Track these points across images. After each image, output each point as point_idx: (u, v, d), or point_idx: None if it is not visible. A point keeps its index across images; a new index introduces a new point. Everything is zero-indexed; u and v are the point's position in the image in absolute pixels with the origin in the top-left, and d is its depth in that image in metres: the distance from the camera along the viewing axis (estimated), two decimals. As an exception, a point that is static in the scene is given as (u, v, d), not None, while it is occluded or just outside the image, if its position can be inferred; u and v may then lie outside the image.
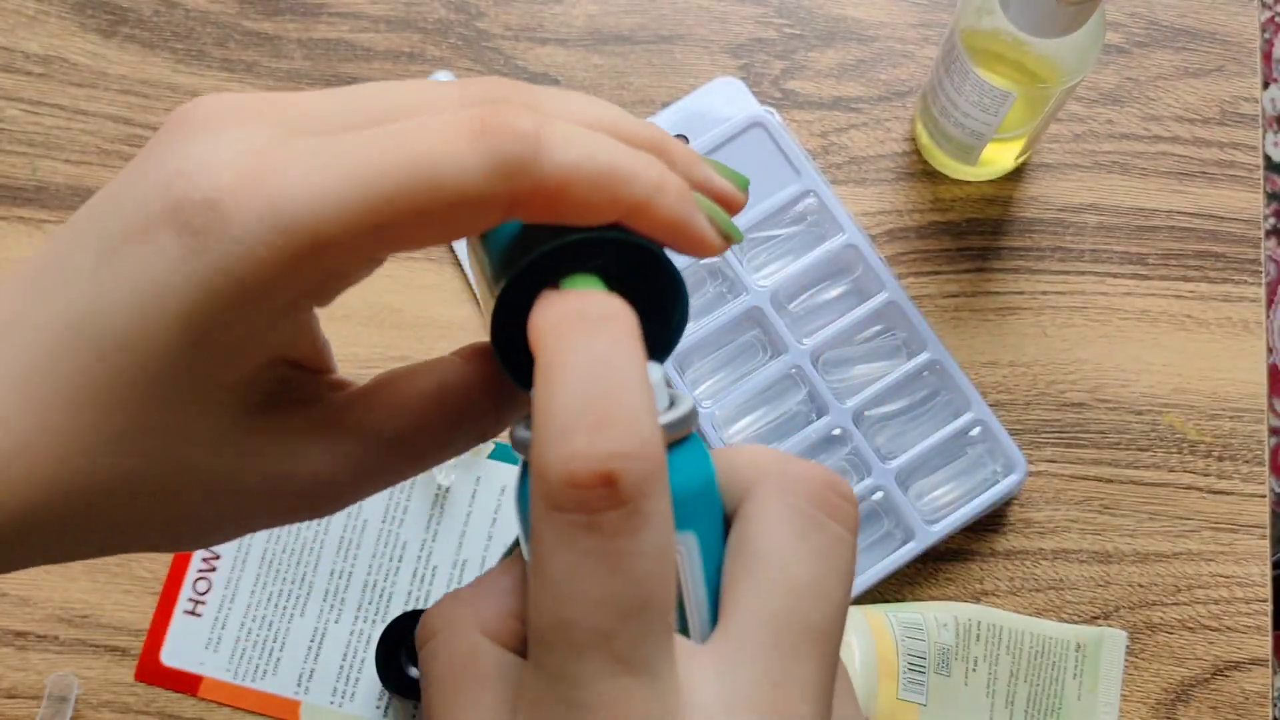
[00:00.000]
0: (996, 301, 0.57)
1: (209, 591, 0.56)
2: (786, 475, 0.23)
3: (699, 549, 0.23)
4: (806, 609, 0.22)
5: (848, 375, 0.56)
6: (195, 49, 0.60)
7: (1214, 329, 0.57)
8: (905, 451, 0.54)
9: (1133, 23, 0.60)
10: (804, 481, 0.23)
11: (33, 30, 0.61)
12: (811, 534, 0.23)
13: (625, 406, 0.20)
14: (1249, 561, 0.55)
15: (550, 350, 0.21)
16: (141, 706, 0.54)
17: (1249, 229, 0.58)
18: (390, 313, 0.57)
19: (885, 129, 0.59)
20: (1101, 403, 0.56)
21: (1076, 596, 0.55)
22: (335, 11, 0.61)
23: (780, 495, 0.23)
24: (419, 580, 0.55)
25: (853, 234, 0.56)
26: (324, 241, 0.21)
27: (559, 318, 0.21)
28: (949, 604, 0.53)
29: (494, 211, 0.22)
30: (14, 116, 0.60)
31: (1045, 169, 0.59)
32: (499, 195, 0.22)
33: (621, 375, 0.20)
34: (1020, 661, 0.52)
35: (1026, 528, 0.55)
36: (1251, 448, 0.56)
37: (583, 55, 0.60)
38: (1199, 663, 0.54)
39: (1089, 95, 0.59)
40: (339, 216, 0.21)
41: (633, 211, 0.23)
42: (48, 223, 0.59)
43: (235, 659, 0.55)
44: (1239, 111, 0.59)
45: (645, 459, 0.20)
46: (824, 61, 0.60)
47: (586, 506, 0.19)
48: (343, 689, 0.55)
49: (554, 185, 0.22)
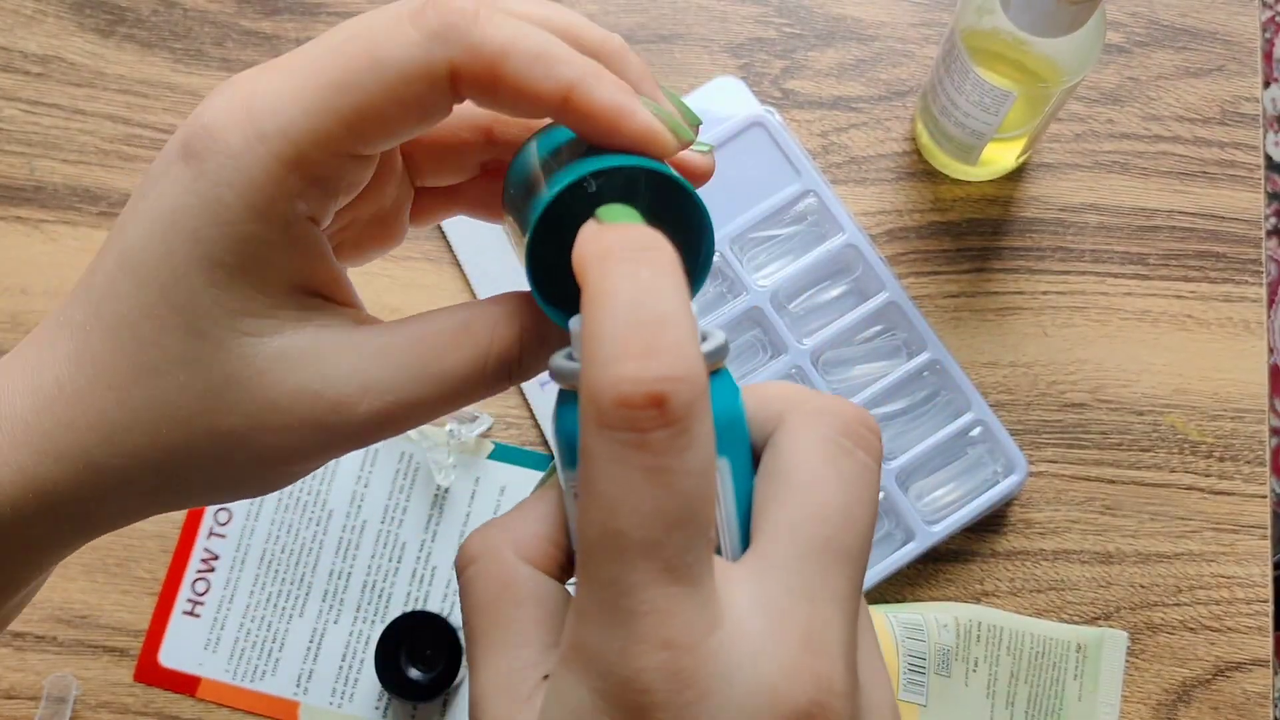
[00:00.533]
0: (997, 301, 0.57)
1: (208, 592, 0.55)
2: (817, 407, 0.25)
3: (731, 475, 0.24)
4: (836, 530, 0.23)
5: (848, 375, 0.56)
6: (193, 48, 0.60)
7: (1215, 329, 0.57)
8: (906, 452, 0.54)
9: (1133, 22, 0.60)
10: (833, 413, 0.24)
11: (31, 30, 0.61)
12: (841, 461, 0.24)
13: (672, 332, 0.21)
14: (1250, 562, 0.55)
15: (598, 278, 0.22)
16: (140, 707, 0.54)
17: (1250, 229, 0.58)
18: (389, 312, 0.57)
19: (885, 129, 0.59)
20: (1102, 403, 0.56)
21: (1077, 597, 0.55)
22: (334, 11, 0.61)
23: (811, 425, 0.24)
24: (418, 581, 0.55)
25: (853, 234, 0.56)
26: (299, 140, 0.24)
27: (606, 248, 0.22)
28: (949, 604, 0.53)
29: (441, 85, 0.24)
30: (12, 116, 0.60)
31: (1045, 169, 0.59)
32: (438, 64, 0.24)
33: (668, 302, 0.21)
34: (1021, 662, 0.52)
35: (1027, 528, 0.55)
36: (1253, 448, 0.56)
37: (582, 55, 0.60)
38: (1200, 663, 0.54)
39: (1089, 95, 0.59)
40: (305, 112, 0.24)
41: (569, 92, 0.25)
42: (46, 222, 0.59)
43: (234, 660, 0.55)
44: (1240, 111, 0.59)
45: (692, 382, 0.21)
46: (824, 61, 0.60)
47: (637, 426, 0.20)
48: (342, 690, 0.54)
49: (489, 54, 0.24)
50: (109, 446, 0.26)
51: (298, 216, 0.25)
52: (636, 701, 0.21)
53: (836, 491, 0.23)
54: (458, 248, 0.58)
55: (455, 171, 0.31)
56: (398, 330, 0.27)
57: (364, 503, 0.56)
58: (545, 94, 0.25)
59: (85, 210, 0.59)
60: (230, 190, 0.24)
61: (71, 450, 0.26)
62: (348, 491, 0.56)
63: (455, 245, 0.58)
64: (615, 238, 0.22)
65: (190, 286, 0.25)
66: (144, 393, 0.25)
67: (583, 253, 0.23)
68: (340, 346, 0.26)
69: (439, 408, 0.27)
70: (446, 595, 0.55)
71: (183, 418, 0.25)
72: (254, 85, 0.25)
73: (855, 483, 0.24)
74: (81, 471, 0.26)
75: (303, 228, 0.26)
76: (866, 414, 0.25)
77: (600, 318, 0.21)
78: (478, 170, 0.31)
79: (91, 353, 0.26)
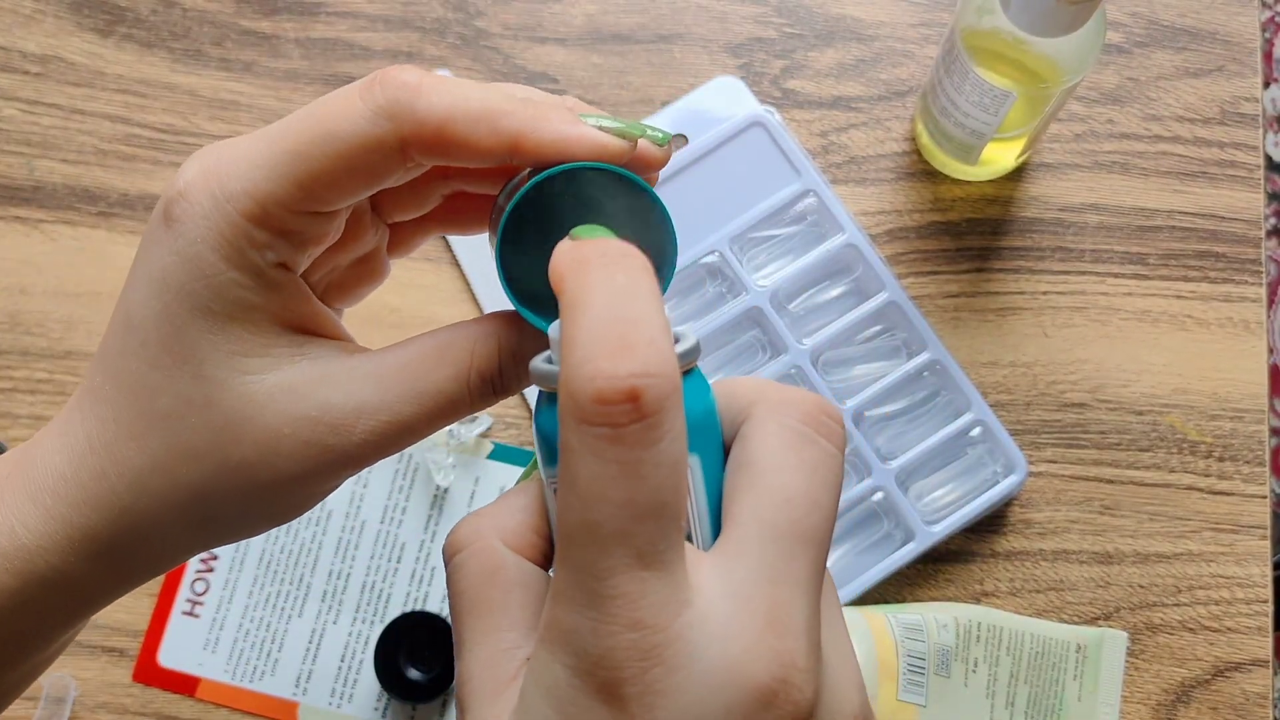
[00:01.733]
0: (997, 301, 0.57)
1: (206, 593, 0.55)
2: (780, 398, 0.26)
3: (702, 470, 0.26)
4: (799, 515, 0.24)
5: (848, 375, 0.56)
6: (192, 48, 0.60)
7: (1215, 329, 0.57)
8: (905, 452, 0.54)
9: (1133, 22, 0.60)
10: (795, 404, 0.26)
11: (30, 29, 0.61)
12: (804, 448, 0.25)
13: (646, 332, 0.22)
14: (1249, 562, 0.55)
15: (575, 285, 0.23)
16: (139, 708, 0.54)
17: (1250, 229, 0.58)
18: (389, 312, 0.57)
19: (885, 129, 0.59)
20: (1102, 403, 0.56)
21: (1077, 597, 0.55)
22: (333, 10, 0.61)
23: (775, 416, 0.26)
24: (417, 581, 0.55)
25: (853, 234, 0.56)
26: (262, 199, 0.27)
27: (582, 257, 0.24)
28: (949, 605, 0.53)
29: (390, 152, 0.27)
30: (11, 116, 0.60)
31: (1045, 169, 0.59)
32: (387, 134, 0.26)
33: (642, 304, 0.23)
34: (1020, 662, 0.52)
35: (1027, 528, 0.55)
36: (1252, 448, 0.56)
37: (582, 54, 0.60)
38: (1199, 664, 0.54)
39: (1089, 95, 0.59)
40: (266, 177, 0.27)
41: (518, 139, 0.27)
42: (45, 222, 0.58)
43: (233, 660, 0.55)
44: (1239, 111, 0.59)
45: (664, 378, 0.22)
46: (824, 61, 0.60)
47: (612, 420, 0.22)
48: (341, 690, 0.54)
49: (435, 121, 0.26)
50: (136, 491, 0.28)
51: (270, 264, 0.28)
52: (607, 678, 0.22)
53: (799, 478, 0.25)
54: (457, 248, 0.58)
55: (420, 206, 0.33)
56: (386, 355, 0.29)
57: (363, 503, 0.56)
58: (493, 148, 0.27)
59: (84, 210, 0.59)
60: (206, 246, 0.27)
61: (106, 498, 0.28)
62: (347, 492, 0.56)
63: (454, 245, 0.58)
64: (590, 249, 0.24)
65: (188, 337, 0.27)
66: (160, 438, 0.28)
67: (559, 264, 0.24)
68: (333, 375, 0.28)
69: (430, 425, 0.29)
70: (445, 596, 0.55)
71: (197, 455, 0.28)
72: (221, 153, 0.27)
73: (818, 469, 0.25)
74: (117, 518, 0.28)
75: (277, 274, 0.28)
76: (828, 403, 0.26)
77: (578, 319, 0.23)
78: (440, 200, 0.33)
79: (114, 409, 0.28)
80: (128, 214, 0.59)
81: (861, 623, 0.50)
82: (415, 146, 0.27)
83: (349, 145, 0.26)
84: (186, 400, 0.28)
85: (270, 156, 0.27)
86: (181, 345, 0.27)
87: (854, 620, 0.50)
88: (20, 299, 0.58)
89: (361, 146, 0.26)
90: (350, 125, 0.26)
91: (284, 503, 0.29)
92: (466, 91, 0.27)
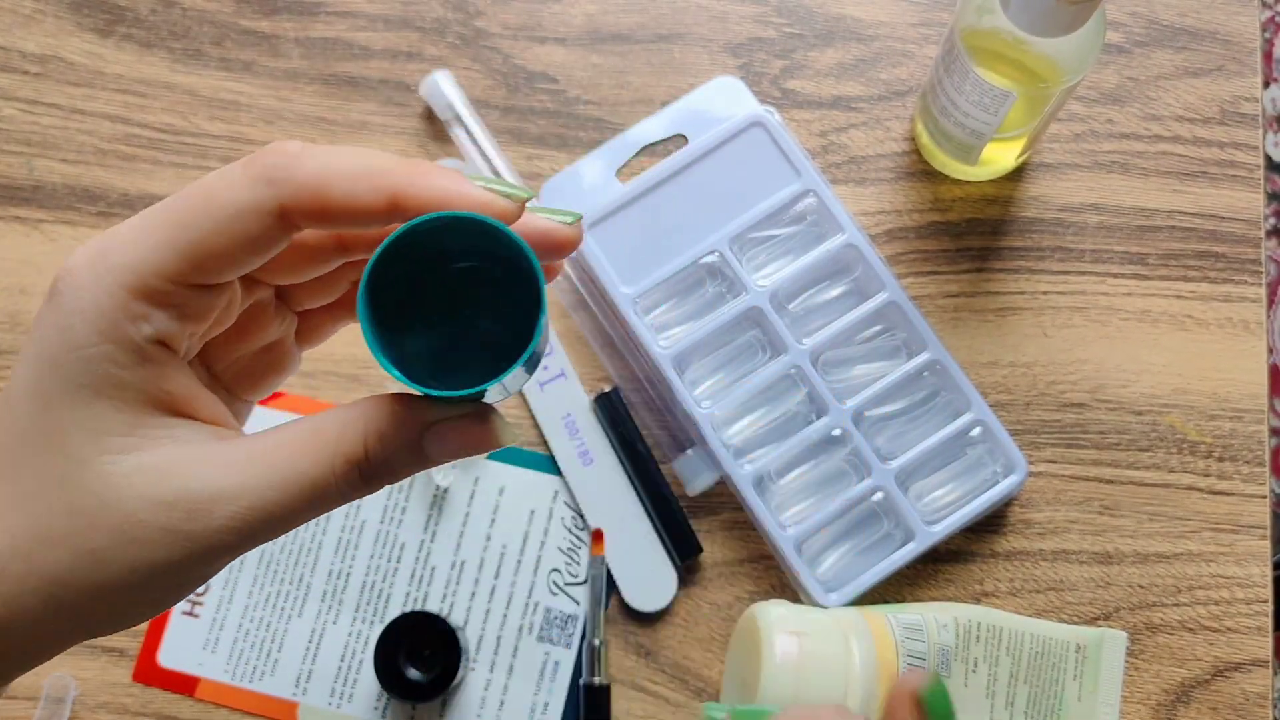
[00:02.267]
0: (997, 301, 0.57)
1: (206, 593, 0.55)
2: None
3: None
4: None
5: (847, 375, 0.55)
6: (192, 48, 0.60)
7: (1214, 329, 0.57)
8: (905, 452, 0.54)
9: (1133, 22, 0.60)
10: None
11: (29, 29, 0.61)
12: None
13: None
14: (1249, 562, 0.55)
15: None
16: (139, 708, 0.54)
17: (1249, 229, 0.58)
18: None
19: (885, 129, 0.59)
20: (1102, 403, 0.56)
21: (1077, 597, 0.55)
22: (332, 10, 0.61)
23: None
24: (417, 581, 0.55)
25: (853, 234, 0.56)
26: (142, 270, 0.27)
27: None
28: (949, 605, 0.53)
29: (269, 218, 0.27)
30: (10, 115, 0.60)
31: (1045, 169, 0.59)
32: (266, 200, 0.27)
33: None
34: (1020, 662, 0.52)
35: (1027, 528, 0.55)
36: (1252, 448, 0.56)
37: (581, 54, 0.60)
38: (1199, 664, 0.54)
39: (1089, 95, 0.59)
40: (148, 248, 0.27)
41: (398, 194, 0.27)
42: (44, 222, 0.58)
43: (233, 660, 0.55)
44: (1239, 111, 0.59)
45: None
46: (824, 61, 0.60)
47: None
48: (341, 690, 0.54)
49: (314, 185, 0.27)
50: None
51: (146, 339, 0.27)
52: None
53: None
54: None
55: (328, 293, 0.32)
56: (255, 441, 0.28)
57: (363, 503, 0.56)
58: (374, 206, 0.27)
59: (84, 210, 0.59)
60: (80, 318, 0.27)
61: None
62: (347, 492, 0.56)
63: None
64: None
65: (55, 411, 0.27)
66: (21, 518, 0.27)
67: None
68: (196, 459, 0.27)
69: (298, 514, 0.28)
70: (446, 596, 0.55)
71: (55, 540, 0.27)
72: (109, 232, 0.28)
73: None
74: None
75: (153, 350, 0.27)
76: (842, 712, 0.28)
77: None
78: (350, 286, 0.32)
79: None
80: (128, 214, 0.59)
81: (861, 623, 0.50)
82: (296, 212, 0.27)
83: (228, 212, 0.27)
84: (47, 479, 0.27)
85: (154, 228, 0.27)
86: (49, 420, 0.27)
87: (854, 620, 0.50)
88: (20, 299, 0.58)
89: (240, 213, 0.27)
90: (230, 193, 0.27)
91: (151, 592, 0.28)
92: (346, 153, 0.27)
